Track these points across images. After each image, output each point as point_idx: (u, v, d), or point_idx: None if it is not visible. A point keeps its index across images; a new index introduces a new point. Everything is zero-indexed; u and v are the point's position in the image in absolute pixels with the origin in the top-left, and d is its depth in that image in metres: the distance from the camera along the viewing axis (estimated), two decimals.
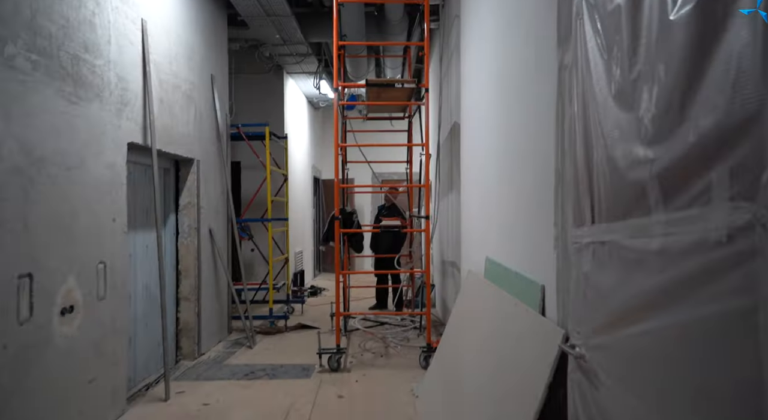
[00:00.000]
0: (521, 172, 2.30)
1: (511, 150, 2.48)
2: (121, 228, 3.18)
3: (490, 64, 2.98)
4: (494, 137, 2.89)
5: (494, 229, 2.87)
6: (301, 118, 8.62)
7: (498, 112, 2.78)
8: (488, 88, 3.05)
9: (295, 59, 6.63)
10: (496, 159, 2.85)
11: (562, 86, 1.70)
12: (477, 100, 3.47)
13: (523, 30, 2.29)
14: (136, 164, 3.74)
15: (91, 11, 2.93)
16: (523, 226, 2.26)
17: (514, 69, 2.45)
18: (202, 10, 4.68)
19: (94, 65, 2.95)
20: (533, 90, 2.12)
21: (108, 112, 3.09)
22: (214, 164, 4.90)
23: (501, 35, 2.71)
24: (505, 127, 2.60)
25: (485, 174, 3.15)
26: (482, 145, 3.26)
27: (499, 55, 2.73)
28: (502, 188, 2.66)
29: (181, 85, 4.19)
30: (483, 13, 3.26)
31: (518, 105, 2.36)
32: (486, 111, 3.13)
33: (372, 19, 5.92)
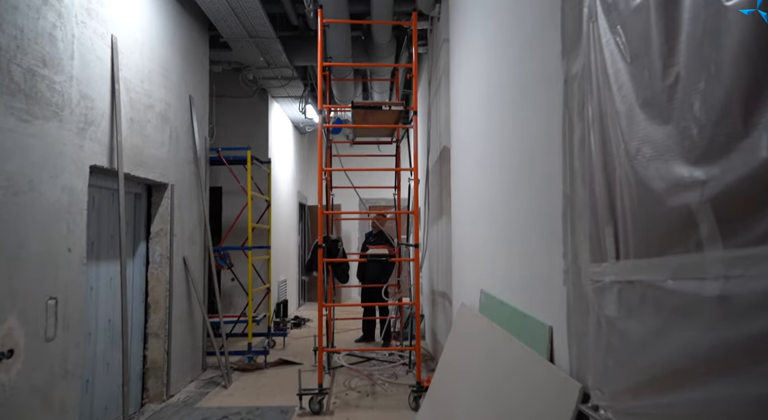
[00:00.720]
0: (520, 196, 2.07)
1: (508, 172, 2.26)
2: (78, 259, 2.88)
3: (482, 83, 2.79)
4: (488, 159, 2.67)
5: (490, 259, 2.63)
6: (287, 143, 8.41)
7: (492, 132, 2.58)
8: (480, 108, 2.86)
9: (280, 83, 6.45)
10: (490, 183, 2.64)
11: (569, 99, 1.49)
12: (468, 122, 3.28)
13: (519, 43, 2.10)
14: (102, 189, 3.46)
15: (52, 24, 2.71)
16: (523, 257, 2.03)
17: (509, 85, 2.25)
18: (182, 29, 4.49)
19: (53, 81, 2.70)
20: (532, 106, 1.91)
21: (68, 131, 2.83)
22: (190, 189, 4.63)
23: (494, 52, 2.53)
24: (500, 148, 2.38)
25: (478, 199, 2.93)
26: (474, 169, 3.04)
27: (493, 73, 2.54)
28: (499, 214, 2.43)
29: (155, 105, 3.96)
30: (473, 31, 3.09)
31: (514, 123, 2.16)
32: (478, 132, 2.93)
33: (359, 43, 5.79)
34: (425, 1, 4.49)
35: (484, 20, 2.81)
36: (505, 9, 2.34)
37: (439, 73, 4.73)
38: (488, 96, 2.61)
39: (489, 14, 2.65)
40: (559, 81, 1.58)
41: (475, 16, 3.04)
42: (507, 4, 2.32)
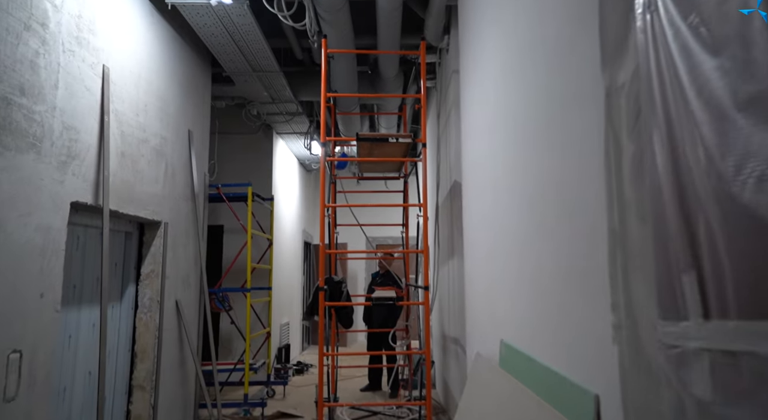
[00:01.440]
0: (547, 232, 1.78)
1: (531, 204, 1.97)
2: (51, 305, 2.59)
3: (498, 110, 2.55)
4: (505, 191, 2.40)
5: (511, 305, 2.31)
6: (292, 180, 8.22)
7: (510, 162, 2.31)
8: (497, 137, 2.61)
9: (285, 118, 6.30)
10: (510, 219, 2.35)
11: (613, 115, 1.22)
12: (482, 153, 3.02)
13: (541, 62, 1.86)
14: (89, 227, 3.21)
15: (34, 51, 2.52)
16: (555, 303, 1.71)
17: (530, 110, 2.00)
18: (183, 63, 4.35)
19: (31, 111, 2.49)
20: (560, 129, 1.65)
21: (47, 165, 2.60)
22: (186, 227, 4.38)
23: (512, 76, 2.30)
24: (521, 179, 2.11)
25: (496, 238, 2.63)
26: (490, 204, 2.76)
27: (511, 99, 2.30)
28: (522, 253, 2.12)
29: (150, 140, 3.76)
30: (487, 58, 2.89)
31: (538, 151, 1.89)
32: (494, 163, 2.67)
33: (365, 78, 5.65)
34: (433, 33, 4.34)
35: (498, 44, 2.60)
36: (524, 28, 2.12)
37: (449, 106, 4.53)
38: (506, 124, 2.36)
39: (504, 36, 2.43)
40: (597, 96, 1.32)
41: (488, 42, 2.83)
42: (525, 22, 2.11)
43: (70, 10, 2.82)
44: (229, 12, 3.78)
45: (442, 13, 4.09)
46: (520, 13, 2.17)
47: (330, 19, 3.96)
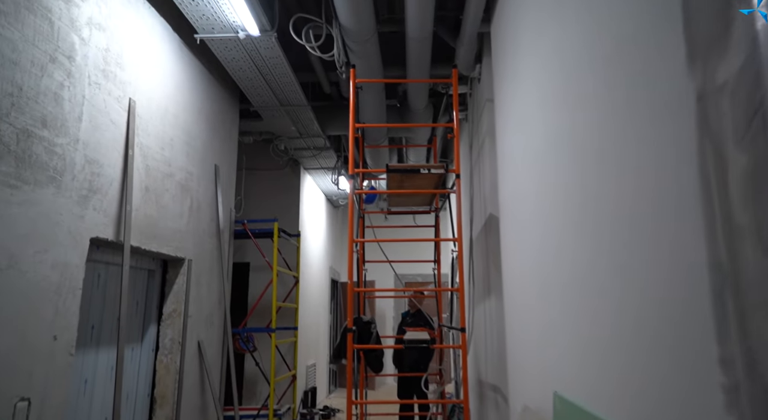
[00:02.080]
0: (620, 271, 1.53)
1: (599, 239, 1.73)
2: (65, 349, 2.43)
3: (546, 134, 2.34)
4: (561, 225, 2.16)
5: (569, 353, 2.02)
6: (319, 216, 8.10)
7: (567, 190, 2.08)
8: (544, 166, 2.39)
9: (312, 153, 6.23)
10: (565, 255, 2.10)
11: (711, 120, 1.00)
12: (525, 184, 2.80)
13: (603, 71, 1.66)
14: (110, 265, 3.09)
15: (59, 83, 2.47)
16: (630, 356, 1.44)
17: (591, 128, 1.79)
18: (211, 98, 4.32)
19: (53, 144, 2.41)
20: (630, 146, 1.43)
21: (67, 199, 2.50)
22: (210, 265, 4.24)
23: (564, 94, 2.10)
24: (581, 209, 1.87)
25: (547, 277, 2.37)
26: (538, 239, 2.52)
27: (564, 119, 2.09)
28: (584, 294, 1.86)
29: (175, 174, 3.67)
30: (528, 79, 2.71)
31: (602, 174, 1.66)
32: (543, 194, 2.44)
33: (394, 111, 5.55)
34: (465, 62, 4.21)
35: (543, 65, 2.42)
36: (576, 41, 1.93)
37: (482, 136, 4.35)
38: (557, 149, 2.15)
39: (551, 54, 2.25)
40: (682, 101, 1.11)
41: (530, 65, 2.66)
42: (577, 35, 1.92)
43: (97, 44, 2.78)
44: (257, 45, 3.74)
45: (474, 42, 3.97)
46: (568, 26, 1.99)
47: (358, 50, 3.88)
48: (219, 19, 3.42)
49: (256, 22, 3.45)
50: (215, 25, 3.50)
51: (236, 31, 3.54)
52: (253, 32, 3.54)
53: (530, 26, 2.61)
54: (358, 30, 3.61)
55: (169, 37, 3.61)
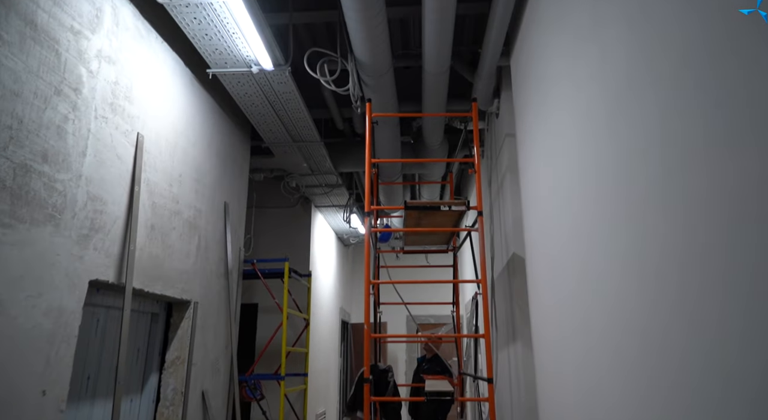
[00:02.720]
0: (688, 323, 1.30)
1: (664, 283, 1.51)
2: (54, 404, 2.20)
3: (583, 167, 2.16)
4: (601, 257, 1.93)
5: (618, 403, 1.76)
6: (329, 255, 7.89)
7: (609, 219, 1.87)
8: (582, 195, 2.19)
9: (324, 190, 6.09)
10: (613, 303, 1.87)
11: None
12: (555, 222, 2.59)
13: (654, 95, 1.48)
14: (111, 309, 2.88)
15: (63, 116, 2.34)
16: (710, 406, 1.19)
17: (638, 152, 1.60)
18: (222, 134, 4.21)
19: (53, 180, 2.26)
20: (686, 170, 1.23)
21: (65, 238, 2.33)
22: (217, 307, 4.01)
23: (604, 122, 1.92)
24: (634, 248, 1.65)
25: (590, 330, 2.13)
26: (573, 282, 2.29)
27: (605, 149, 1.91)
28: (644, 348, 1.62)
29: (183, 212, 3.51)
30: (557, 111, 2.55)
31: (653, 200, 1.46)
32: (577, 233, 2.23)
33: (408, 148, 5.43)
34: (483, 97, 4.10)
35: (576, 95, 2.26)
36: (619, 66, 1.77)
37: (502, 172, 4.18)
38: (598, 180, 1.95)
39: (585, 83, 2.09)
40: (754, 128, 0.92)
41: (560, 96, 2.50)
42: (619, 58, 1.76)
43: (106, 77, 2.68)
44: (271, 80, 3.65)
45: (493, 75, 3.85)
46: (608, 50, 1.83)
47: (373, 85, 3.77)
48: (232, 54, 3.34)
49: (270, 57, 3.36)
50: (228, 60, 3.42)
51: (249, 65, 3.46)
52: (266, 66, 3.45)
53: (559, 55, 2.47)
54: (374, 64, 3.52)
55: (181, 71, 3.53)
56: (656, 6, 1.48)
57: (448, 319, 5.08)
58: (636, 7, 1.60)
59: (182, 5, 2.88)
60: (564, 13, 2.37)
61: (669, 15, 1.40)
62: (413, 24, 4.05)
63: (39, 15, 2.23)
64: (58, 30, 2.33)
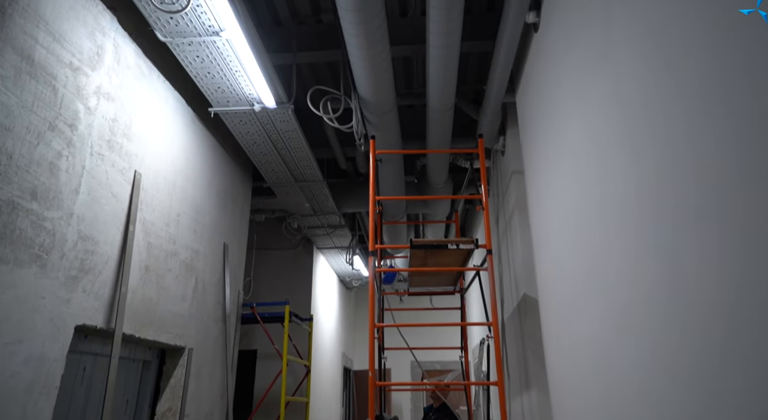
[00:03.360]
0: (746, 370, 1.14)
1: (690, 319, 1.36)
2: None
3: (603, 194, 2.04)
4: (626, 292, 1.78)
5: None
6: (331, 299, 7.67)
7: (632, 250, 1.73)
8: (603, 230, 2.06)
9: (326, 231, 5.96)
10: (634, 336, 1.71)
11: None
12: (572, 260, 2.45)
13: (683, 115, 1.38)
14: (99, 356, 2.70)
15: (56, 152, 2.26)
16: None
17: (666, 179, 1.48)
18: (222, 174, 4.14)
19: (42, 218, 2.15)
20: (737, 211, 1.10)
21: (52, 280, 2.19)
22: (213, 354, 3.81)
23: (626, 150, 1.82)
24: (664, 280, 1.51)
25: (609, 364, 1.95)
26: (596, 321, 2.12)
27: (625, 179, 1.80)
28: (692, 397, 1.45)
29: (180, 253, 3.38)
30: (568, 145, 2.46)
31: (681, 232, 1.33)
32: (599, 270, 2.08)
33: (412, 188, 5.34)
34: (488, 135, 4.04)
35: (595, 122, 2.17)
36: (642, 91, 1.68)
37: (510, 210, 4.07)
38: (622, 213, 1.82)
39: (605, 106, 2.01)
40: None
41: (574, 125, 2.42)
42: (645, 80, 1.68)
43: (104, 113, 2.62)
44: (273, 118, 3.60)
45: (498, 113, 3.81)
46: (622, 82, 1.75)
47: (377, 122, 3.72)
48: (234, 92, 3.31)
49: (273, 94, 3.32)
50: (230, 98, 3.38)
51: (251, 103, 3.42)
52: (269, 104, 3.40)
53: (569, 88, 2.41)
54: (378, 101, 3.47)
55: (182, 109, 3.49)
56: (673, 34, 1.40)
57: (456, 365, 4.84)
58: (651, 37, 1.53)
59: (185, 43, 2.86)
60: (573, 46, 2.32)
61: (687, 43, 1.32)
62: (417, 62, 4.05)
63: (37, 50, 2.18)
64: (56, 66, 2.28)
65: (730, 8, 1.13)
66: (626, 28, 1.72)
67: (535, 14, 2.83)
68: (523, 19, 2.84)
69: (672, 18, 1.41)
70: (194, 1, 2.52)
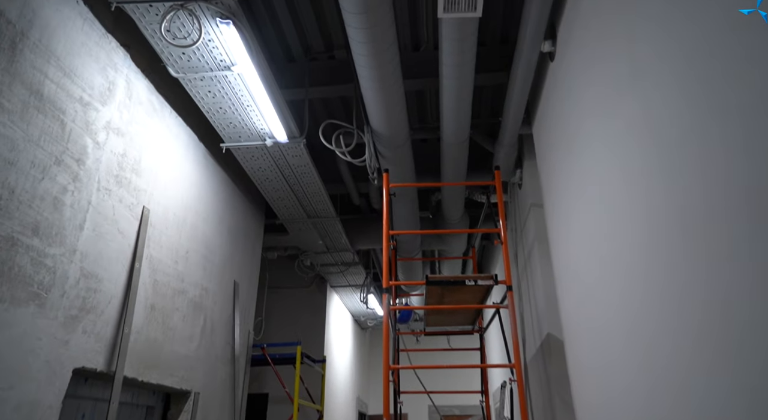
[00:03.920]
0: None
1: (743, 363, 1.19)
2: None
3: (638, 233, 1.89)
4: (678, 346, 1.61)
5: None
6: (346, 339, 7.45)
7: (686, 303, 1.57)
8: (644, 273, 1.91)
9: (340, 269, 5.83)
10: (676, 383, 1.52)
11: None
12: (603, 291, 2.28)
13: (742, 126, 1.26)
14: (98, 401, 2.57)
15: (61, 187, 2.20)
16: None
17: (717, 206, 1.34)
18: (234, 210, 4.07)
19: (43, 254, 2.07)
20: None
21: (50, 320, 2.09)
22: (221, 398, 3.63)
23: (666, 173, 1.69)
24: (712, 319, 1.35)
25: (652, 414, 1.75)
26: (635, 367, 1.94)
27: (665, 213, 1.66)
28: None
29: (189, 291, 3.27)
30: (594, 173, 2.34)
31: (726, 261, 1.18)
32: (642, 301, 1.92)
33: (427, 224, 5.23)
34: (504, 168, 3.94)
35: (616, 152, 2.06)
36: (677, 109, 1.57)
37: (529, 245, 3.91)
38: (659, 246, 1.68)
39: (627, 136, 1.90)
40: None
41: (595, 152, 2.31)
42: (672, 108, 1.57)
43: (113, 148, 2.58)
44: (285, 153, 3.56)
45: (514, 145, 3.72)
46: (653, 97, 1.65)
47: (390, 156, 3.65)
48: (246, 127, 3.28)
49: (285, 128, 3.29)
50: (242, 133, 3.35)
51: (263, 138, 3.38)
52: (281, 138, 3.36)
53: (590, 116, 2.31)
54: (391, 135, 3.41)
55: (194, 145, 3.46)
56: (708, 51, 1.30)
57: (476, 409, 4.58)
58: (684, 56, 1.43)
59: (197, 79, 2.85)
60: (594, 71, 2.24)
61: (725, 62, 1.22)
62: (430, 95, 4.01)
63: (46, 85, 2.16)
64: (65, 100, 2.26)
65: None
66: (654, 48, 1.62)
67: (551, 43, 2.77)
68: (539, 49, 2.78)
69: (707, 38, 1.31)
70: (206, 36, 2.51)
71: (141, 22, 2.45)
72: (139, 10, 2.39)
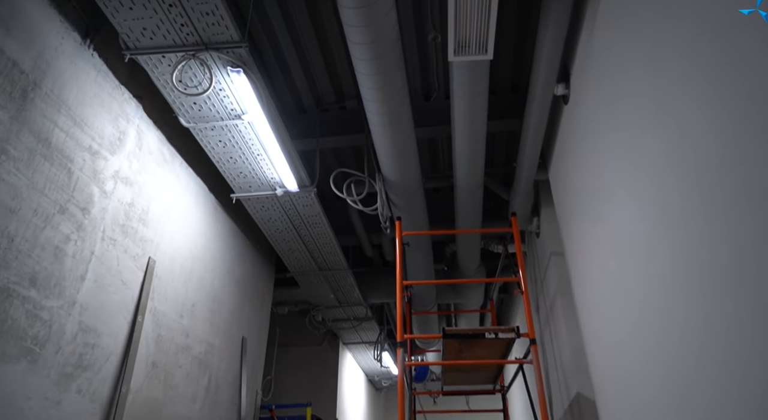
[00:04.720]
0: None
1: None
2: None
3: (674, 280, 1.74)
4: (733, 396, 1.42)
5: None
6: (359, 401, 7.08)
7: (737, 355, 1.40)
8: (685, 326, 1.74)
9: (352, 324, 5.62)
10: None
11: None
12: (637, 350, 2.09)
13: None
14: None
15: (64, 236, 2.13)
16: None
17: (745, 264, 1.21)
18: (244, 262, 3.97)
19: (39, 306, 1.97)
20: None
21: (42, 378, 1.96)
22: None
23: (695, 221, 1.57)
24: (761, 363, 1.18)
25: None
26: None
27: (703, 256, 1.52)
28: None
29: (193, 347, 3.11)
30: (622, 218, 2.21)
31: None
32: (681, 362, 1.73)
33: (442, 275, 5.06)
34: (520, 216, 3.82)
35: (641, 193, 1.94)
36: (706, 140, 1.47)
37: (551, 296, 3.72)
38: (699, 289, 1.52)
39: (654, 175, 1.79)
40: None
41: (618, 195, 2.20)
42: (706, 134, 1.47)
43: (121, 198, 2.53)
44: (295, 203, 3.50)
45: (530, 192, 3.62)
46: (677, 137, 1.55)
47: (403, 205, 3.57)
48: (257, 176, 3.24)
49: (295, 177, 3.24)
50: (252, 183, 3.31)
51: (274, 187, 3.33)
52: (291, 188, 3.31)
53: (613, 158, 2.22)
54: (404, 182, 3.35)
55: (204, 196, 3.42)
56: (738, 86, 1.21)
57: None
58: (714, 89, 1.35)
59: (207, 128, 2.85)
60: (613, 112, 2.17)
61: (757, 99, 1.13)
62: (442, 143, 3.98)
63: (55, 134, 2.15)
64: (74, 149, 2.24)
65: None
66: (680, 86, 1.55)
67: (564, 86, 2.73)
68: (552, 92, 2.74)
69: (738, 73, 1.23)
70: (216, 85, 2.52)
71: (153, 72, 2.47)
72: (152, 60, 2.41)
